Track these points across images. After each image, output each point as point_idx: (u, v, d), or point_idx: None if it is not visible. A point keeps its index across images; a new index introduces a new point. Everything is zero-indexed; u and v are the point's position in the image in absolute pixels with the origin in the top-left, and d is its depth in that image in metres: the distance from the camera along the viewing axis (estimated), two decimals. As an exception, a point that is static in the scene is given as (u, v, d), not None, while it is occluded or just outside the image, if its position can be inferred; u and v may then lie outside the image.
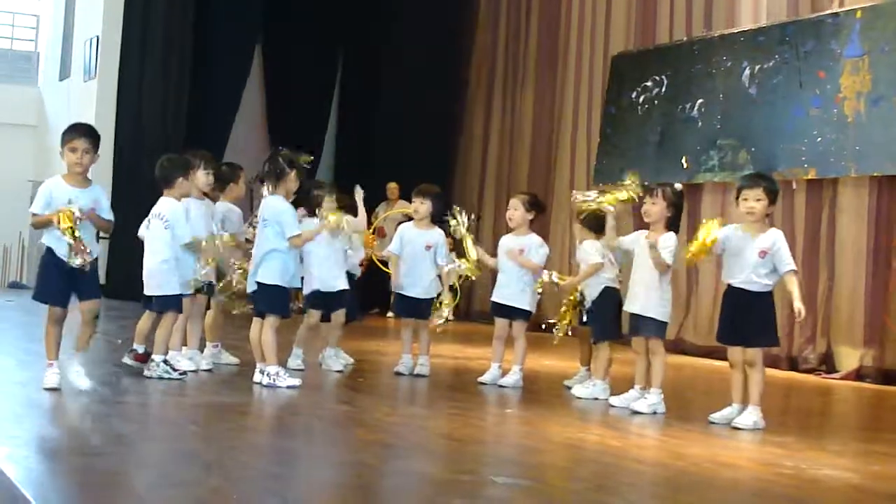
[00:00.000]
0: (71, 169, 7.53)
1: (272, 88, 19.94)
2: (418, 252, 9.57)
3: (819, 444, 7.44)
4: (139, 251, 8.68)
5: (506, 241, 9.55)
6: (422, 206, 9.66)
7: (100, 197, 7.63)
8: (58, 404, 7.28)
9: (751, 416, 7.62)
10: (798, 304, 7.57)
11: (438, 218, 9.74)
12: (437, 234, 9.66)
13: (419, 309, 9.60)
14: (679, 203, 8.38)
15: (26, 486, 4.67)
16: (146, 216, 8.63)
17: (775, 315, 7.82)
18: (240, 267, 9.05)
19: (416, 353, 9.73)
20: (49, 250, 7.54)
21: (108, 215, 7.64)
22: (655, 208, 8.27)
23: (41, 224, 7.51)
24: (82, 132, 7.55)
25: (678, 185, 8.63)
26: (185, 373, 8.55)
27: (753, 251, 7.69)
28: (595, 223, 8.99)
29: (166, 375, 8.29)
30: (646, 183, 8.67)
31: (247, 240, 9.33)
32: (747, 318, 7.73)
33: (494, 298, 9.54)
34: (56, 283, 7.54)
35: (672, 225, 8.30)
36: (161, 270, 8.39)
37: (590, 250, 8.89)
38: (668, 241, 8.16)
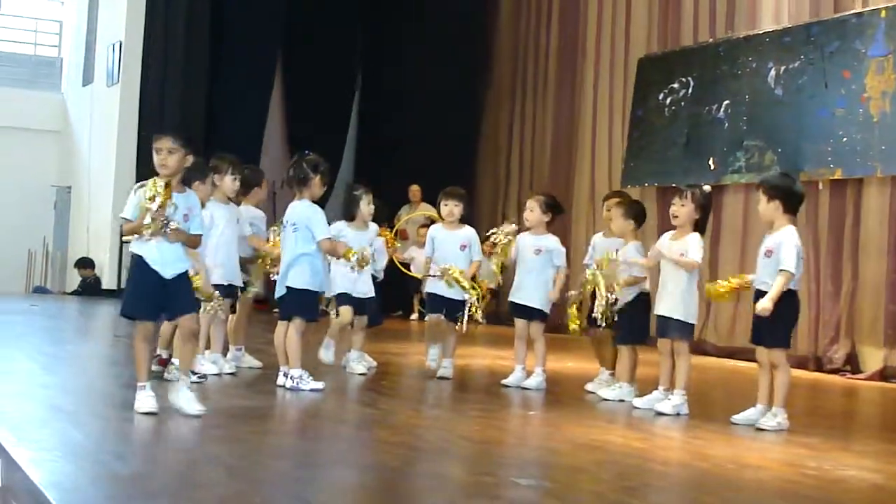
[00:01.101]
0: (159, 171, 6.87)
1: (293, 91, 20.00)
2: (453, 253, 9.54)
3: (844, 445, 7.42)
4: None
5: (524, 240, 9.52)
6: (456, 208, 9.63)
7: (194, 205, 7.01)
8: (81, 408, 7.30)
9: (775, 417, 7.59)
10: (764, 303, 7.55)
11: (467, 218, 9.74)
12: (468, 231, 9.65)
13: (452, 309, 9.57)
14: (707, 205, 8.32)
15: (50, 489, 4.68)
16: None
17: (788, 316, 7.71)
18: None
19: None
20: (139, 259, 6.82)
21: (198, 228, 7.01)
22: (684, 210, 8.21)
23: (132, 231, 6.86)
24: (165, 131, 6.96)
25: (707, 187, 8.54)
26: (204, 376, 8.51)
27: (762, 251, 7.69)
28: (636, 212, 8.92)
29: None
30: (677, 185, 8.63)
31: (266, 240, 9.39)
32: (761, 317, 7.67)
33: (512, 299, 9.52)
34: (146, 295, 6.84)
35: (700, 227, 8.26)
36: None
37: (633, 253, 8.76)
38: (692, 241, 8.12)
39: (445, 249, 9.57)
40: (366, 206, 9.67)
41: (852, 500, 5.75)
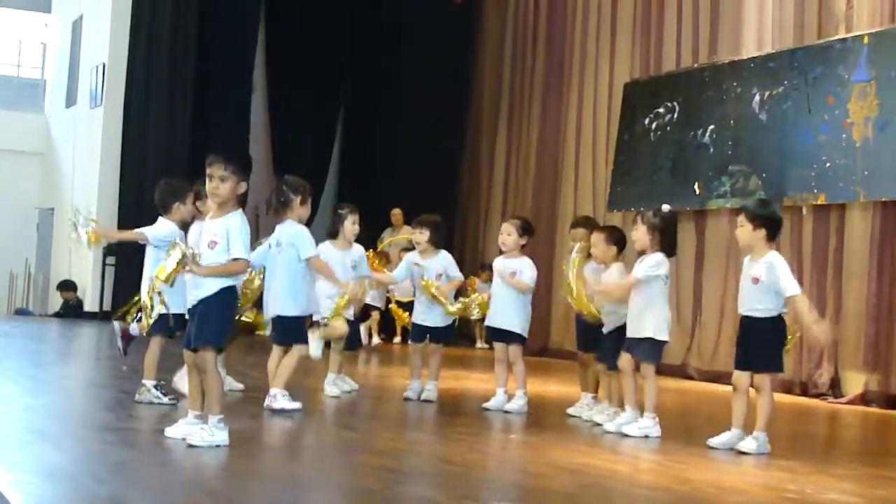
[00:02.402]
0: (210, 198, 6.73)
1: (276, 114, 20.03)
2: (429, 280, 9.54)
3: (824, 469, 7.40)
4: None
5: (498, 264, 9.52)
6: (420, 235, 9.67)
7: (223, 229, 6.60)
8: (62, 431, 7.26)
9: (756, 441, 7.58)
10: (811, 324, 7.66)
11: (441, 244, 9.75)
12: (443, 258, 9.69)
13: (434, 336, 9.64)
14: (662, 226, 8.24)
15: (27, 511, 4.66)
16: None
17: (780, 341, 7.76)
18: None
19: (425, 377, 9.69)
20: None
21: (237, 251, 6.56)
22: (637, 234, 8.26)
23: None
24: (218, 157, 6.60)
25: (665, 207, 8.47)
26: (175, 398, 8.40)
27: (748, 278, 7.70)
28: (617, 238, 8.84)
29: (156, 401, 8.17)
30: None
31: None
32: (752, 343, 7.69)
33: (488, 323, 9.50)
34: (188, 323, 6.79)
35: (664, 247, 8.24)
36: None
37: (616, 275, 8.69)
38: (640, 263, 8.18)
39: (423, 276, 9.59)
40: (350, 226, 9.66)
41: (833, 525, 5.75)
